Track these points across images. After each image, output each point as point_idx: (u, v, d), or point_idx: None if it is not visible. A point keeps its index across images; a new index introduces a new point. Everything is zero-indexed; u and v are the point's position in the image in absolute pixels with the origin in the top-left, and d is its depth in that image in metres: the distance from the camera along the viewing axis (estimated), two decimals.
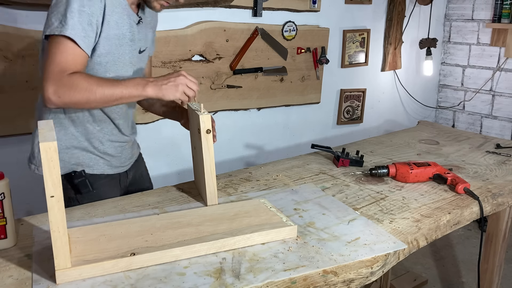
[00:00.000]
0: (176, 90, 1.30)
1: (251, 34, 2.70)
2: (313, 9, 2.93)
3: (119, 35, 1.39)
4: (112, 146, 1.57)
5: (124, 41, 1.42)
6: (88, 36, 1.28)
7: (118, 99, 1.29)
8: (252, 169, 1.77)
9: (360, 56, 3.32)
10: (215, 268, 1.08)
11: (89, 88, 1.24)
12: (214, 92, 2.66)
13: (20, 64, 1.97)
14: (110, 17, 1.35)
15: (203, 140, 1.34)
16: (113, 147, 1.58)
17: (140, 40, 1.51)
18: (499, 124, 3.60)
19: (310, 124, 3.21)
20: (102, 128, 1.51)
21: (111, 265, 1.05)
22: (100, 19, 1.31)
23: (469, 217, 1.49)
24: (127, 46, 1.44)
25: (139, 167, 1.76)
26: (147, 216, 1.31)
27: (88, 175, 1.53)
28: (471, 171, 1.78)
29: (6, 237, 1.15)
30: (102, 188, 1.57)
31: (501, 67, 3.51)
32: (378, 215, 1.39)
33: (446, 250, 3.04)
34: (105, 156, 1.56)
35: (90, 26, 1.28)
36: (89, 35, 1.28)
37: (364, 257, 1.15)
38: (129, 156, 1.66)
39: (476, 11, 3.59)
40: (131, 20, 1.43)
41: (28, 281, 1.02)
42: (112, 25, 1.37)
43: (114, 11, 1.36)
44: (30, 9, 1.97)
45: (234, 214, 1.31)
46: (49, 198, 0.95)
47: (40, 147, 0.92)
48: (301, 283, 1.05)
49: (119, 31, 1.39)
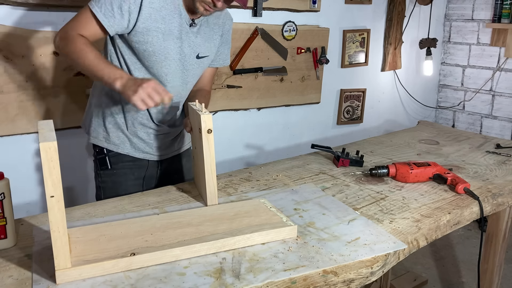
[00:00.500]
0: (134, 95, 1.31)
1: (251, 34, 2.70)
2: (313, 9, 2.93)
3: (164, 29, 1.48)
4: (143, 130, 1.63)
5: (170, 37, 1.50)
6: (113, 16, 1.41)
7: (93, 76, 1.42)
8: (252, 169, 1.77)
9: (360, 56, 3.32)
10: (215, 268, 1.08)
11: (79, 52, 1.38)
12: (214, 92, 2.66)
13: (20, 64, 1.97)
14: (152, 9, 1.44)
15: (204, 140, 1.34)
16: (145, 132, 1.64)
17: (198, 45, 1.58)
18: (499, 124, 3.60)
19: (310, 124, 3.21)
20: (137, 110, 1.57)
21: (111, 265, 1.05)
22: (133, 7, 1.42)
23: (469, 217, 1.49)
24: (172, 42, 1.51)
25: (178, 162, 1.79)
26: (147, 216, 1.31)
27: (111, 154, 1.62)
28: (471, 171, 1.78)
29: (6, 237, 1.15)
30: (123, 170, 1.65)
31: (501, 67, 3.51)
32: (378, 215, 1.39)
33: (446, 250, 3.04)
34: (134, 138, 1.63)
35: (119, 9, 1.41)
36: (115, 16, 1.41)
37: (364, 257, 1.15)
38: (164, 147, 1.70)
39: (476, 11, 3.59)
40: (182, 20, 1.51)
41: (28, 281, 1.02)
42: (157, 18, 1.45)
43: (161, 6, 1.45)
44: (30, 9, 1.97)
45: (234, 214, 1.31)
46: (49, 198, 0.95)
47: (40, 147, 0.92)
48: (301, 283, 1.05)
49: (165, 26, 1.48)
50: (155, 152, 1.69)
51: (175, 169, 1.79)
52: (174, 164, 1.78)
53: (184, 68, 1.59)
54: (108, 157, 1.63)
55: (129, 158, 1.65)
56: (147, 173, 1.70)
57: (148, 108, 1.43)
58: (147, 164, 1.69)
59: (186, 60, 1.58)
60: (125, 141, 1.64)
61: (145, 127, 1.64)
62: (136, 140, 1.64)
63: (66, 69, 2.09)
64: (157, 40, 1.48)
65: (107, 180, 1.66)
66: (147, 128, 1.64)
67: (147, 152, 1.68)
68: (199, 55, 1.61)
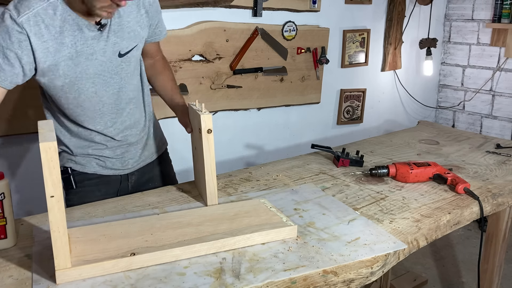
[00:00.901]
0: None
1: (251, 34, 2.70)
2: (313, 9, 2.93)
3: (70, 54, 1.32)
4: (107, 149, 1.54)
5: (82, 57, 1.34)
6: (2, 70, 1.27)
7: None
8: (252, 169, 1.77)
9: (360, 56, 3.32)
10: (215, 268, 1.08)
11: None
12: (214, 92, 2.66)
13: None
14: (45, 43, 1.28)
15: (204, 139, 1.34)
16: (110, 150, 1.55)
17: (113, 43, 1.40)
18: (499, 124, 3.60)
19: (310, 124, 3.21)
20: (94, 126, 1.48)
21: (111, 265, 1.05)
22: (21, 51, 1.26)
23: (469, 217, 1.49)
24: (85, 61, 1.36)
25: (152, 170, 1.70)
26: (147, 216, 1.31)
27: (76, 173, 1.53)
28: (471, 171, 1.78)
29: (6, 237, 1.15)
30: (89, 187, 1.55)
31: (501, 67, 3.51)
32: (378, 215, 1.39)
33: (446, 250, 3.04)
34: (100, 157, 1.54)
35: (5, 59, 1.25)
36: (4, 68, 1.27)
37: (364, 257, 1.15)
38: (133, 159, 1.61)
39: (476, 11, 3.58)
40: (85, 33, 1.33)
41: (28, 281, 1.02)
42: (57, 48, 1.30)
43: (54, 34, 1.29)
44: None
45: (234, 214, 1.30)
46: (49, 198, 0.95)
47: (40, 147, 0.92)
48: (301, 283, 1.05)
49: (69, 50, 1.32)
50: (125, 167, 1.60)
51: (148, 177, 1.69)
52: (147, 172, 1.68)
53: (110, 76, 1.43)
54: (73, 176, 1.54)
55: (96, 176, 1.56)
56: (116, 188, 1.61)
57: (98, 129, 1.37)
58: (118, 179, 1.60)
59: (108, 66, 1.41)
60: (90, 160, 1.54)
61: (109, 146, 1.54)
62: (103, 159, 1.55)
63: None
64: (69, 68, 1.33)
65: (73, 199, 1.55)
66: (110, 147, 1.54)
67: (116, 168, 1.58)
68: (120, 53, 1.43)
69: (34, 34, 1.26)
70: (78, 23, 1.31)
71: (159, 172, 1.73)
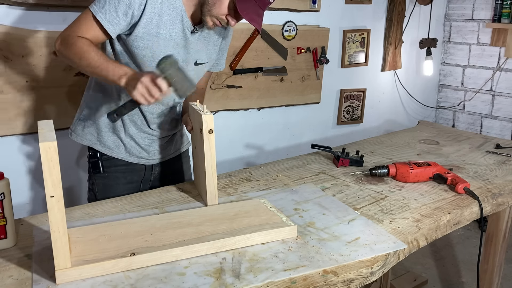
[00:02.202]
0: (134, 90, 1.30)
1: (251, 34, 2.70)
2: (313, 9, 2.93)
3: (165, 35, 1.45)
4: (139, 135, 1.62)
5: (170, 43, 1.47)
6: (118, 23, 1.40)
7: (97, 75, 1.40)
8: (252, 169, 1.77)
9: (360, 56, 3.32)
10: (215, 268, 1.08)
11: (82, 54, 1.37)
12: (214, 92, 2.66)
13: (20, 64, 1.97)
14: (153, 14, 1.41)
15: (205, 140, 1.34)
16: (141, 137, 1.62)
17: (197, 51, 1.55)
18: (499, 124, 3.60)
19: (310, 124, 3.20)
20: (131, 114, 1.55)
21: (111, 265, 1.05)
22: (137, 13, 1.40)
23: (469, 217, 1.49)
24: (171, 48, 1.48)
25: (175, 164, 1.77)
26: (147, 216, 1.31)
27: (105, 157, 1.61)
28: (471, 171, 1.78)
29: (6, 237, 1.15)
30: (115, 174, 1.63)
31: (501, 67, 3.51)
32: (378, 215, 1.39)
33: (446, 250, 3.04)
34: (130, 142, 1.61)
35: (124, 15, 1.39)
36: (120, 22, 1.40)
37: (364, 257, 1.15)
38: (159, 151, 1.68)
39: (476, 11, 3.58)
40: (184, 27, 1.49)
41: (28, 281, 1.02)
42: (158, 23, 1.43)
43: (163, 12, 1.43)
44: (30, 9, 1.97)
45: (234, 214, 1.30)
46: (49, 198, 0.95)
47: (40, 147, 0.92)
48: (301, 283, 1.05)
49: (166, 32, 1.45)
50: (150, 157, 1.68)
51: (171, 171, 1.76)
52: (170, 166, 1.76)
53: None
54: (101, 161, 1.62)
55: (123, 162, 1.64)
56: (140, 177, 1.69)
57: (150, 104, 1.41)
58: (142, 168, 1.68)
59: (184, 66, 1.54)
60: (119, 145, 1.62)
61: (141, 132, 1.62)
62: (132, 145, 1.62)
63: (66, 69, 2.09)
64: (157, 45, 1.46)
65: (99, 183, 1.64)
66: (142, 133, 1.62)
67: (142, 157, 1.66)
68: (197, 62, 1.59)
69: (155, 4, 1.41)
70: (182, 17, 1.47)
71: (181, 168, 1.80)
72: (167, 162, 1.74)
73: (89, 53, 1.36)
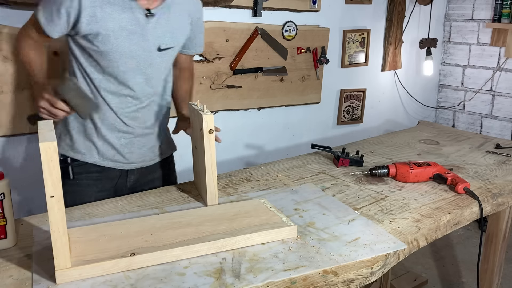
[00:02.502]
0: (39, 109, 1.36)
1: (251, 34, 2.70)
2: (313, 9, 2.93)
3: (113, 27, 1.39)
4: (113, 135, 1.52)
5: (123, 33, 1.41)
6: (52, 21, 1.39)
7: None
8: (252, 169, 1.77)
9: (360, 56, 3.32)
10: (215, 268, 1.08)
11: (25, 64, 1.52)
12: (214, 92, 2.66)
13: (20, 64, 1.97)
14: (94, 8, 1.36)
15: (206, 140, 1.34)
16: (115, 136, 1.52)
17: (158, 36, 1.47)
18: (499, 124, 3.60)
19: (310, 124, 3.20)
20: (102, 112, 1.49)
21: (111, 265, 1.05)
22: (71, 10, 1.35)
23: (469, 217, 1.49)
24: (125, 39, 1.41)
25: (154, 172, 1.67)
26: (147, 216, 1.31)
27: (76, 163, 1.53)
28: (471, 171, 1.78)
29: (6, 237, 1.15)
30: (86, 181, 1.53)
31: (501, 67, 3.51)
32: (378, 215, 1.39)
33: (446, 250, 3.04)
34: (104, 144, 1.52)
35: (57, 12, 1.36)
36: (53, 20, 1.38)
37: (364, 257, 1.15)
38: (136, 154, 1.57)
39: (476, 11, 3.58)
40: (134, 13, 1.41)
41: (28, 281, 1.02)
42: (103, 16, 1.37)
43: (105, 3, 1.37)
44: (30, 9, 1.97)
45: (234, 214, 1.30)
46: (49, 198, 0.95)
47: (40, 147, 0.92)
48: (301, 283, 1.05)
49: (114, 23, 1.39)
50: (126, 160, 1.56)
51: (148, 180, 1.65)
52: (149, 174, 1.65)
53: (145, 63, 1.48)
54: (72, 167, 1.52)
55: (96, 169, 1.54)
56: (113, 184, 1.58)
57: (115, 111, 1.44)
58: (116, 175, 1.57)
59: (146, 54, 1.46)
60: (92, 149, 1.52)
61: (114, 131, 1.52)
62: (105, 147, 1.52)
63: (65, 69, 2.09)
64: (108, 39, 1.39)
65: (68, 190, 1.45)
66: (116, 132, 1.52)
67: (117, 160, 1.55)
68: (160, 47, 1.49)
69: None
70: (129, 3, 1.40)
71: (161, 175, 1.70)
72: (145, 169, 1.63)
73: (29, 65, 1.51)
